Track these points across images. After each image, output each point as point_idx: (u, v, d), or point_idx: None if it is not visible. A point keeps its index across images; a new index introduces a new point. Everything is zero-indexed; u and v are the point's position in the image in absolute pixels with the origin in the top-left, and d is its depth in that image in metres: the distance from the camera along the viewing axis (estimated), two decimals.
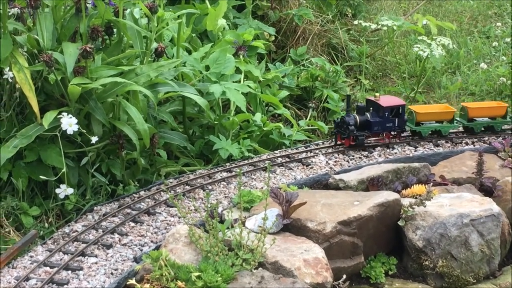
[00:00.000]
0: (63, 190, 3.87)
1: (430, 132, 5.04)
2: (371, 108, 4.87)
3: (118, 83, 4.02)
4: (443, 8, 9.02)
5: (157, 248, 3.57)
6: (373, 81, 7.03)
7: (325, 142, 5.04)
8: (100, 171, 4.20)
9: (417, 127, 4.99)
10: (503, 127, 5.21)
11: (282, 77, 5.93)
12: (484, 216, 3.83)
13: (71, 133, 3.83)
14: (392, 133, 4.92)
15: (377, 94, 4.89)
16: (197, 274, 3.21)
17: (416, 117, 4.98)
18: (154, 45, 4.36)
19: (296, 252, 3.44)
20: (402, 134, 5.02)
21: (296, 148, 4.91)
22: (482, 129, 5.16)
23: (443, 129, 5.05)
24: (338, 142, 4.85)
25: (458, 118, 5.19)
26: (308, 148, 4.86)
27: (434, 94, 6.80)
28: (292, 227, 3.67)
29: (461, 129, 5.21)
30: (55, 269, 3.40)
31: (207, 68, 4.88)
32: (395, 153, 4.88)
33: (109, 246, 3.63)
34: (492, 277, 3.86)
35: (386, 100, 4.87)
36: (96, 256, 3.54)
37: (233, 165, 4.56)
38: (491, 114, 5.23)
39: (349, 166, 4.66)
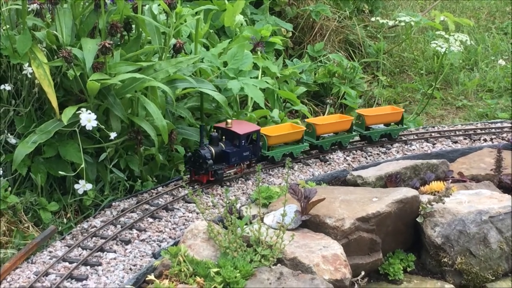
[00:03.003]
0: (82, 186, 3.88)
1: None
2: (223, 137, 4.31)
3: (136, 79, 4.02)
4: (461, 4, 9.00)
5: (176, 244, 3.57)
6: (391, 77, 7.02)
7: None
8: (118, 167, 4.21)
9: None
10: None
11: (300, 73, 5.93)
12: (503, 213, 3.81)
13: (90, 128, 3.83)
14: (245, 162, 4.38)
15: (229, 120, 4.29)
16: (216, 270, 3.21)
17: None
18: (173, 41, 4.36)
19: (314, 249, 3.44)
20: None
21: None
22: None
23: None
24: (194, 179, 4.25)
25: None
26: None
27: (451, 91, 6.78)
28: (310, 223, 3.66)
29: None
30: (74, 264, 3.40)
31: (225, 64, 4.88)
32: (413, 149, 4.88)
33: (127, 242, 3.64)
34: (510, 274, 3.83)
35: (240, 127, 4.31)
36: (114, 252, 3.55)
37: None
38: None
39: (367, 163, 4.66)
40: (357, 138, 4.97)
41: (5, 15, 4.01)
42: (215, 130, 4.31)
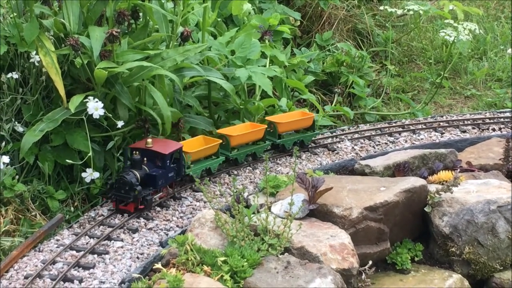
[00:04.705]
0: (89, 174, 3.88)
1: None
2: (144, 159, 3.84)
3: (144, 67, 4.01)
4: None
5: (183, 232, 3.57)
6: (399, 66, 7.00)
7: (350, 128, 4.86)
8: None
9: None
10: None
11: (308, 62, 5.91)
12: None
13: (97, 117, 3.83)
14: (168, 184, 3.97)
15: (149, 140, 3.85)
16: (223, 259, 3.21)
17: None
18: (180, 29, 4.35)
19: (322, 238, 3.43)
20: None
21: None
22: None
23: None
24: (119, 208, 3.80)
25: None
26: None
27: (460, 80, 6.76)
28: (318, 212, 3.65)
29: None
30: (81, 253, 3.40)
31: (233, 52, 4.86)
32: (421, 139, 4.86)
33: (135, 231, 3.63)
34: None
35: (163, 146, 3.90)
36: (122, 240, 3.55)
37: None
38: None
39: (375, 152, 4.64)
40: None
41: (13, 3, 4.00)
42: (136, 152, 3.82)
